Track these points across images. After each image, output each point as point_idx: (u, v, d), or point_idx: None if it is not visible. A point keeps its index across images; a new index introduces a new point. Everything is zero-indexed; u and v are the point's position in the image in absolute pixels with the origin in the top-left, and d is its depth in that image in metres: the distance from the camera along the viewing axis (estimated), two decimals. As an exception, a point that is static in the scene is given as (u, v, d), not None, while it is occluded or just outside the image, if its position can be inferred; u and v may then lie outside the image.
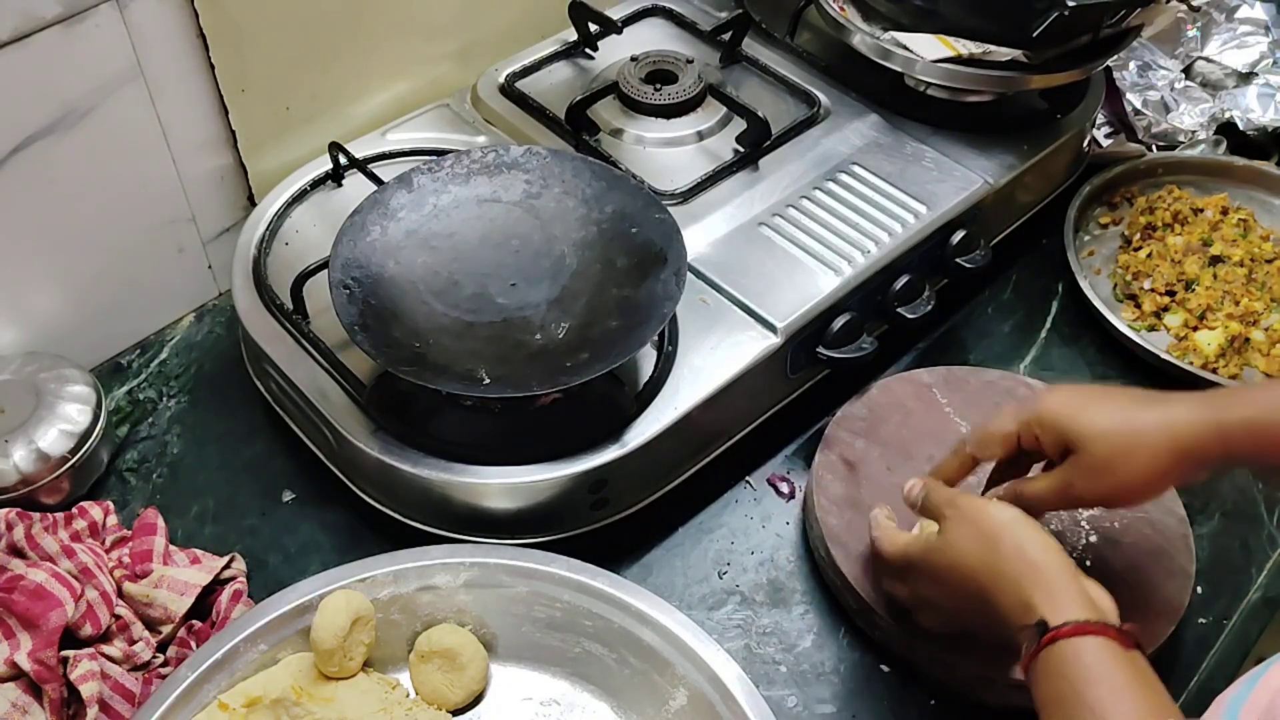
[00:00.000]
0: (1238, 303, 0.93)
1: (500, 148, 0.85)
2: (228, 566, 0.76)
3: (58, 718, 0.67)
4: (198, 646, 0.69)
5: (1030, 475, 0.72)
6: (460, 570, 0.71)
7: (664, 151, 0.94)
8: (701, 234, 0.86)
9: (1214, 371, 0.90)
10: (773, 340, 0.80)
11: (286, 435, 0.84)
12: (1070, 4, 0.85)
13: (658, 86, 0.96)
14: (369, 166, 0.90)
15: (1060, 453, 0.68)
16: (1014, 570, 0.62)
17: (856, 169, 0.91)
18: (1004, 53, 0.90)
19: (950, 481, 0.72)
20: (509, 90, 0.99)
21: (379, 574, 0.70)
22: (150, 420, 0.87)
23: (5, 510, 0.75)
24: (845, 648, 0.76)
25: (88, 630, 0.70)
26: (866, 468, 0.81)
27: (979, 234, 0.90)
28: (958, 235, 0.89)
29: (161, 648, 0.73)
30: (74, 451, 0.79)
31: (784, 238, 0.86)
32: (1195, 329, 0.93)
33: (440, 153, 0.90)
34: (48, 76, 0.76)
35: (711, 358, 0.79)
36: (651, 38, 1.06)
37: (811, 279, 0.83)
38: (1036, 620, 0.59)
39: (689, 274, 0.80)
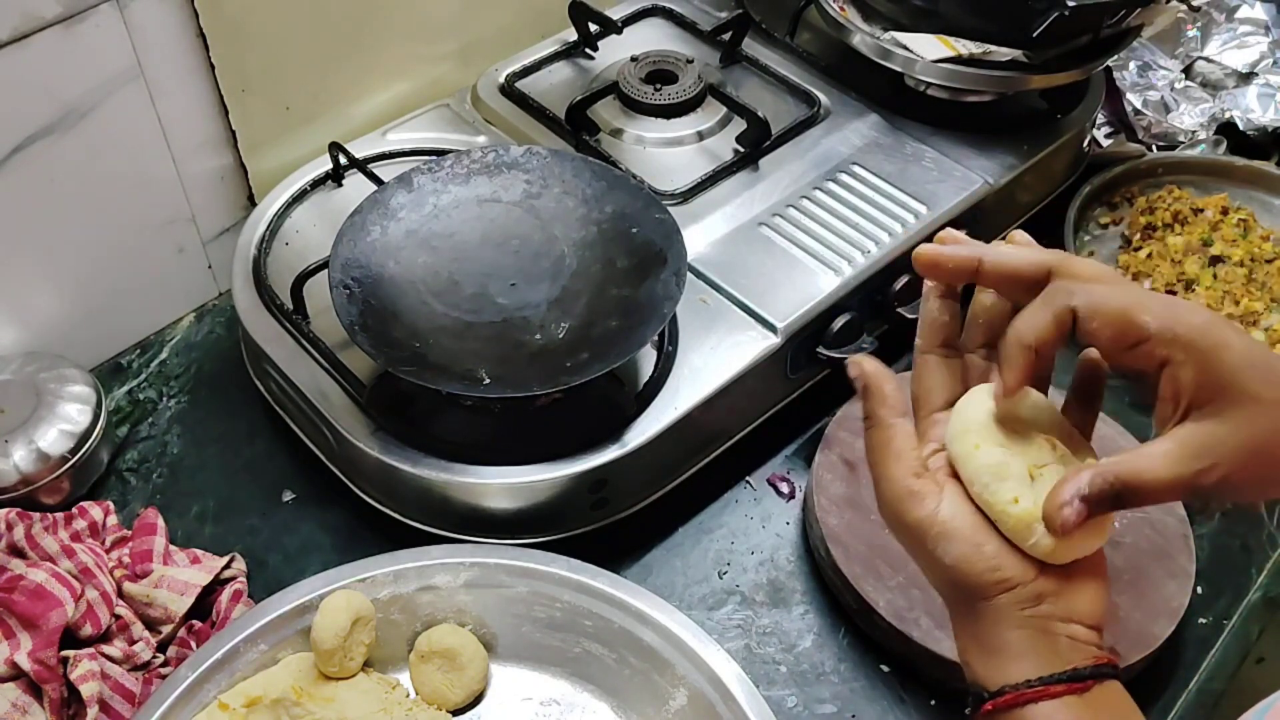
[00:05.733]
0: (1238, 303, 0.93)
1: (500, 148, 0.85)
2: (228, 566, 0.76)
3: (58, 718, 0.67)
4: (198, 646, 0.69)
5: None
6: (460, 570, 0.71)
7: (664, 151, 0.94)
8: (701, 234, 0.86)
9: (1214, 371, 0.90)
10: (773, 340, 0.80)
11: (286, 435, 0.84)
12: (1070, 4, 0.85)
13: (658, 86, 0.96)
14: (369, 166, 0.90)
15: (1191, 397, 0.47)
16: (936, 585, 0.53)
17: (856, 169, 0.91)
18: (1004, 53, 0.90)
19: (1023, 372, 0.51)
20: (509, 90, 0.99)
21: (379, 574, 0.70)
22: (150, 420, 0.87)
23: (5, 510, 0.75)
24: (845, 648, 0.76)
25: (88, 630, 0.70)
26: (867, 468, 0.80)
27: (979, 234, 0.89)
28: (958, 235, 0.89)
29: (161, 648, 0.73)
30: (74, 451, 0.79)
31: (784, 238, 0.86)
32: (1195, 329, 0.93)
33: (440, 153, 0.90)
34: (48, 76, 0.76)
35: (711, 358, 0.79)
36: (651, 38, 1.06)
37: (811, 279, 0.83)
38: (971, 682, 0.51)
39: (689, 274, 0.80)
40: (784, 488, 0.84)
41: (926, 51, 0.91)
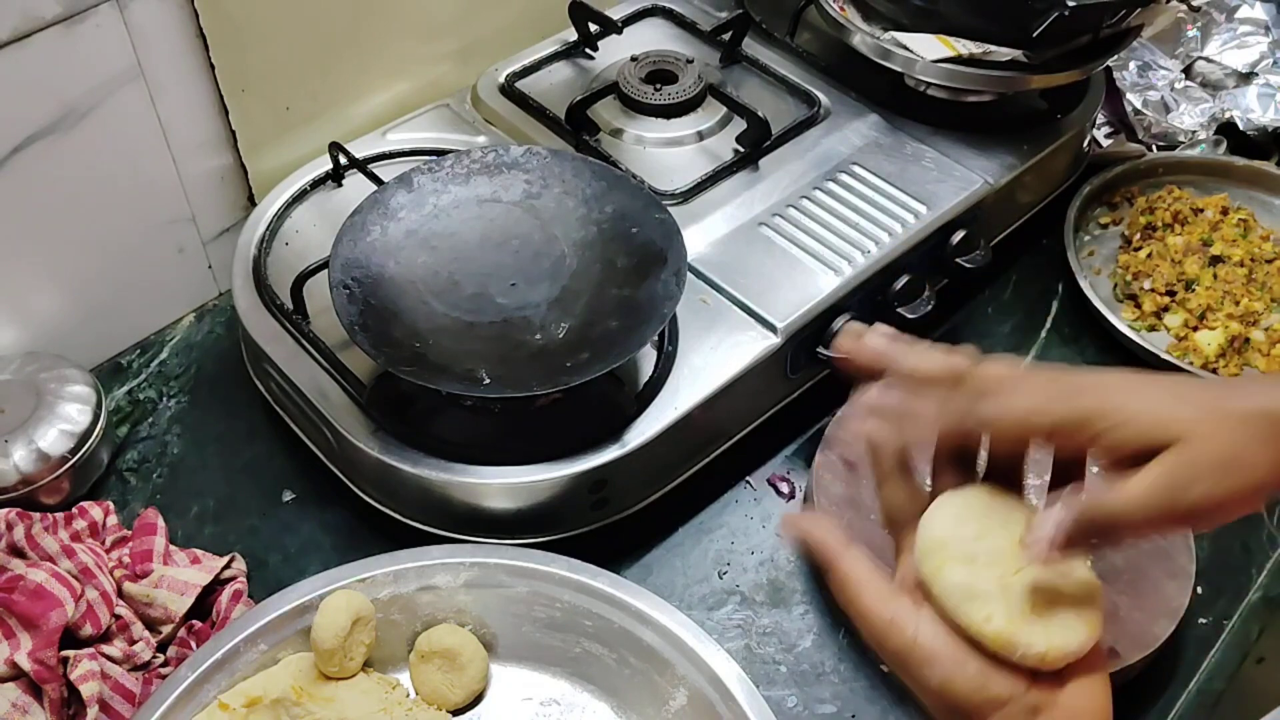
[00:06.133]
0: (1238, 303, 0.93)
1: (500, 148, 0.85)
2: (228, 566, 0.76)
3: (58, 718, 0.67)
4: (198, 646, 0.69)
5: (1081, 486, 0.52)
6: (460, 570, 0.71)
7: (664, 151, 0.94)
8: (701, 234, 0.86)
9: (1214, 371, 0.90)
10: (773, 340, 0.80)
11: (286, 435, 0.84)
12: (1070, 4, 0.85)
13: (658, 86, 0.96)
14: (369, 166, 0.90)
15: (1130, 458, 0.48)
16: (931, 709, 0.52)
17: (856, 169, 0.91)
18: (1004, 53, 0.90)
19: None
20: (509, 90, 0.99)
21: (379, 574, 0.70)
22: (150, 420, 0.87)
23: (5, 510, 0.75)
24: (845, 648, 0.76)
25: (88, 630, 0.70)
26: (867, 467, 0.80)
27: (979, 234, 0.90)
28: (958, 235, 0.89)
29: (161, 648, 0.73)
30: (74, 451, 0.79)
31: (784, 238, 0.86)
32: (1195, 329, 0.93)
33: (440, 153, 0.90)
34: (48, 76, 0.76)
35: (711, 358, 0.79)
36: (651, 38, 1.06)
37: (811, 279, 0.83)
38: None
39: (689, 274, 0.80)
40: (784, 488, 0.84)
41: (926, 51, 0.91)
